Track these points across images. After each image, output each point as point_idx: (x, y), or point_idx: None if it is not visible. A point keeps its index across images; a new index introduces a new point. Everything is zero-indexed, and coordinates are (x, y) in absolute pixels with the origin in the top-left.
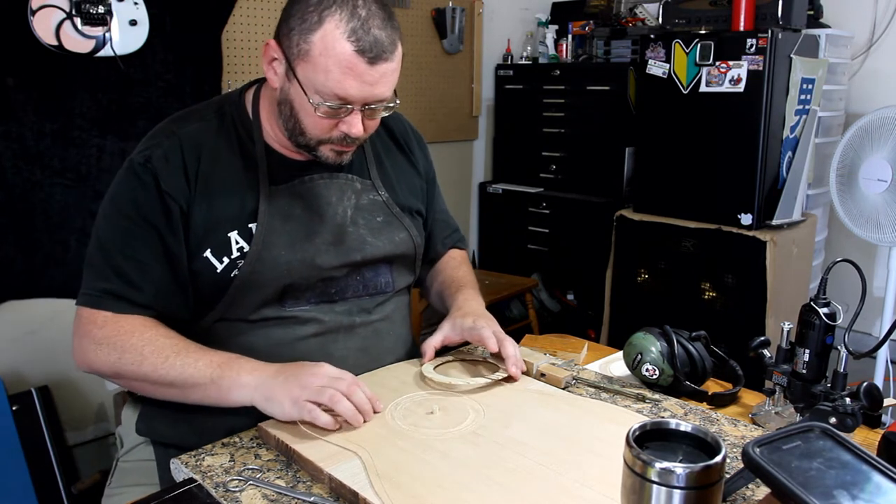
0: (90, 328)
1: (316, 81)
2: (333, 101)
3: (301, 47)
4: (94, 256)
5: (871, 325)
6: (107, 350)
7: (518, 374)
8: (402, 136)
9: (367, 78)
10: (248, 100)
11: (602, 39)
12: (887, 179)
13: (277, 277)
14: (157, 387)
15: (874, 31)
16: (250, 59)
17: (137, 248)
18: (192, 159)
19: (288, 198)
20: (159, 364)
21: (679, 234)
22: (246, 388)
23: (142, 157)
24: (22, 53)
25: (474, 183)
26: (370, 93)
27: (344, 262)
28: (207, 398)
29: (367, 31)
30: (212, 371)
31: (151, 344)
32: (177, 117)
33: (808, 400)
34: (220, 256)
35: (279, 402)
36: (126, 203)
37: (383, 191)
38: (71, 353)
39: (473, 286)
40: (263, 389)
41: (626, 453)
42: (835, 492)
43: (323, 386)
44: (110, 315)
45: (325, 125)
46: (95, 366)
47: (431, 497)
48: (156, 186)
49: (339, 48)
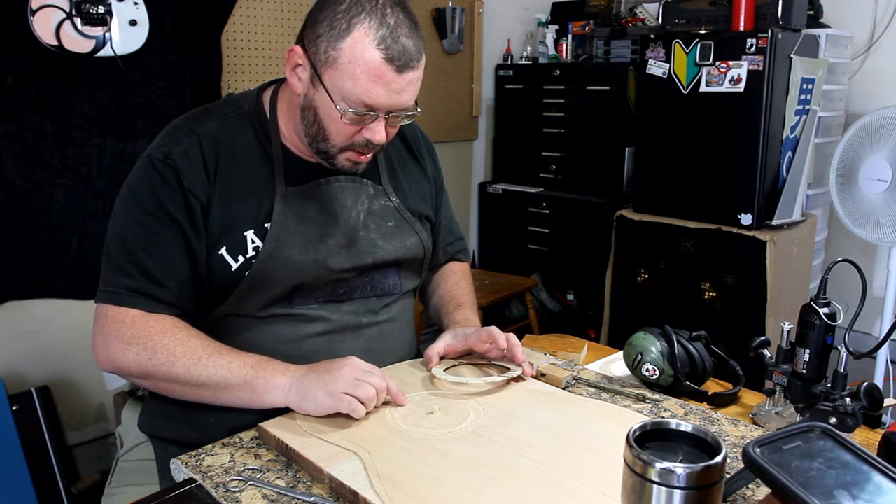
0: (118, 327)
1: (343, 89)
2: (359, 109)
3: (329, 54)
4: (114, 252)
5: (871, 325)
6: (136, 350)
7: (531, 372)
8: (413, 142)
9: (395, 86)
10: (265, 100)
11: (602, 39)
12: (887, 179)
13: (288, 277)
14: (188, 388)
15: (874, 31)
16: (250, 59)
17: (161, 243)
18: (211, 157)
19: (303, 199)
20: (192, 365)
21: (679, 234)
22: (280, 389)
23: (161, 153)
24: (22, 53)
25: (474, 183)
26: (396, 101)
27: (355, 265)
28: (240, 400)
29: (395, 40)
30: (245, 373)
31: (183, 345)
32: (194, 115)
33: (808, 400)
34: (236, 255)
35: (314, 397)
36: (147, 198)
37: (394, 196)
38: (92, 352)
39: (472, 306)
40: (297, 388)
41: (627, 453)
42: (835, 492)
43: (357, 379)
44: (139, 314)
45: (349, 131)
46: (123, 366)
47: (431, 497)
48: (178, 182)
49: (368, 56)
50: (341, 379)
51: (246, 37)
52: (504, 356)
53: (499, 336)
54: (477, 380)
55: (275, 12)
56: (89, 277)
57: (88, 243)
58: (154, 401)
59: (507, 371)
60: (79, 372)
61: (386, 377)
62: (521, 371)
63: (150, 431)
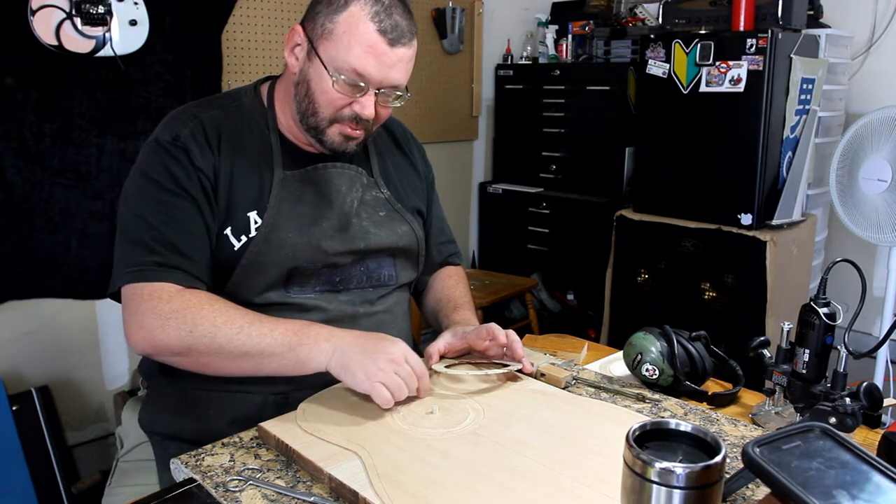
0: (154, 303)
1: (337, 58)
2: (351, 77)
3: (326, 27)
4: (134, 234)
5: (871, 325)
6: (176, 324)
7: (530, 368)
8: (403, 142)
9: (386, 59)
10: (263, 92)
11: (602, 39)
12: (887, 179)
13: (283, 259)
14: (230, 359)
15: (874, 31)
16: (250, 59)
17: (184, 219)
18: (214, 140)
19: (299, 183)
20: (234, 335)
21: (679, 234)
22: (324, 353)
23: (169, 135)
24: (22, 53)
25: (474, 183)
26: (387, 75)
27: (349, 249)
28: (283, 367)
29: (389, 15)
30: (289, 339)
31: (223, 315)
32: (194, 105)
33: (808, 400)
34: (239, 235)
35: (352, 373)
36: (163, 177)
37: (385, 189)
38: (126, 335)
39: (470, 307)
40: (340, 357)
41: (626, 453)
42: (835, 492)
43: (396, 373)
44: (175, 288)
45: (339, 103)
46: (163, 342)
47: (431, 496)
48: (189, 161)
49: (362, 27)
50: (383, 369)
51: (246, 37)
52: (504, 353)
53: (498, 332)
54: (477, 372)
55: (275, 12)
56: (89, 277)
57: (88, 243)
58: (154, 396)
59: (510, 365)
60: (79, 372)
61: (425, 374)
62: (520, 366)
63: (151, 427)
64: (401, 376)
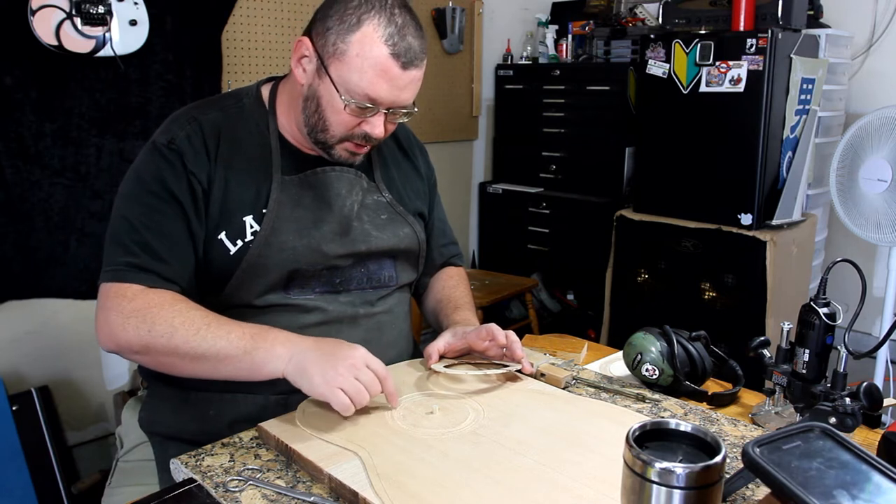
0: (119, 301)
1: (349, 81)
2: (363, 101)
3: (338, 46)
4: (118, 233)
5: (871, 325)
6: (135, 323)
7: (529, 368)
8: (405, 142)
9: (398, 82)
10: (264, 94)
11: (602, 39)
12: (887, 179)
13: (283, 262)
14: (187, 361)
15: (874, 31)
16: (250, 59)
17: (164, 223)
18: (212, 143)
19: (299, 187)
20: (191, 336)
21: (679, 234)
22: (280, 359)
23: (165, 138)
24: (22, 53)
25: (474, 183)
26: (398, 97)
27: (349, 252)
28: (239, 371)
29: (402, 38)
30: (245, 343)
31: (182, 315)
32: (195, 106)
33: (808, 400)
34: (235, 239)
35: (309, 378)
36: (152, 180)
37: (387, 192)
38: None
39: (470, 308)
40: (297, 361)
41: (626, 453)
42: (835, 492)
43: (356, 377)
44: (139, 288)
45: (349, 123)
46: (123, 340)
47: (431, 496)
48: (182, 165)
49: (376, 51)
50: (342, 373)
51: (246, 37)
52: (503, 354)
53: (498, 332)
54: (477, 372)
55: (275, 12)
56: (89, 277)
57: (87, 243)
58: (154, 397)
59: (510, 366)
60: (79, 372)
61: (388, 377)
62: (520, 366)
63: (151, 428)
64: (361, 381)
